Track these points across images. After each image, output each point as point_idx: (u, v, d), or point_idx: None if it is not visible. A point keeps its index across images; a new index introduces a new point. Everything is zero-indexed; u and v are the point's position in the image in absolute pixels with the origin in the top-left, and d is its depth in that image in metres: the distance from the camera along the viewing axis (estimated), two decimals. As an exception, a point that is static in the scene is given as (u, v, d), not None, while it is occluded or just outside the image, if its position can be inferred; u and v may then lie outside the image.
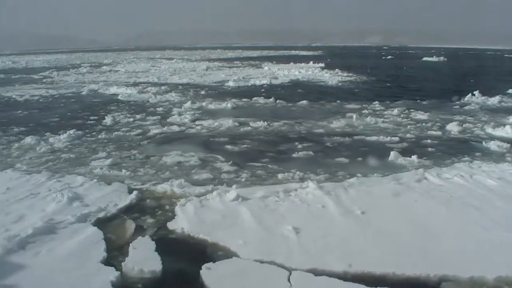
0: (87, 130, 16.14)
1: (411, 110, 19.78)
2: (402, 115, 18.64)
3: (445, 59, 66.81)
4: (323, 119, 17.83)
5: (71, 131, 15.34)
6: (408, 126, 16.37)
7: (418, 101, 23.08)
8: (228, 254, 6.53)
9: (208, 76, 38.97)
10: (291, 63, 54.25)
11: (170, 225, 7.52)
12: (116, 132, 15.48)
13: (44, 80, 39.84)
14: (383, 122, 17.14)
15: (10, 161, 12.27)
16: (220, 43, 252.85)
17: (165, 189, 9.27)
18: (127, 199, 8.68)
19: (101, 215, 7.96)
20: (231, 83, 31.16)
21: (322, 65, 48.87)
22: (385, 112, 19.26)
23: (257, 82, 31.77)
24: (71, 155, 12.67)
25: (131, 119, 18.36)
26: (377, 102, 22.24)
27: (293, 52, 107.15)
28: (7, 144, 14.47)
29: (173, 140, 14.29)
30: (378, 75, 38.17)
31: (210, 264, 6.09)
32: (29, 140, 14.58)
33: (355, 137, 14.50)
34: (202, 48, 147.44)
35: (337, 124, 16.64)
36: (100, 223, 7.66)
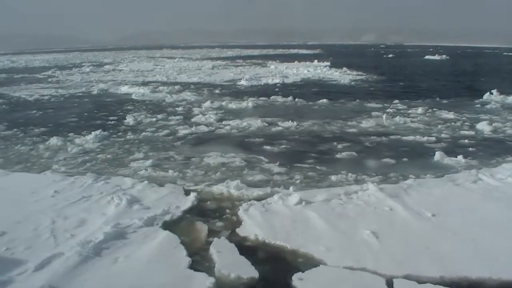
0: (111, 131, 15.81)
1: (434, 109, 19.57)
2: (427, 114, 18.45)
3: (447, 57, 66.82)
4: (350, 118, 17.61)
5: (97, 132, 15.02)
6: (439, 126, 16.17)
7: (437, 99, 22.89)
8: (313, 261, 6.27)
9: (217, 75, 38.66)
10: (295, 62, 53.97)
11: (241, 230, 7.25)
12: (144, 133, 15.17)
13: (49, 80, 39.37)
14: (411, 122, 16.93)
15: (43, 162, 11.97)
16: (215, 42, 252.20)
17: (221, 191, 9.03)
18: (187, 201, 8.44)
19: (167, 218, 7.70)
20: (243, 82, 30.88)
21: (328, 63, 48.67)
22: (409, 112, 19.06)
23: (270, 81, 31.52)
24: (108, 156, 12.39)
25: (153, 119, 18.04)
26: (397, 101, 22.06)
27: (292, 51, 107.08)
28: (32, 144, 14.14)
29: (206, 140, 14.01)
30: (387, 73, 38.01)
31: (301, 274, 5.82)
32: (54, 141, 14.26)
33: (391, 137, 14.30)
34: (199, 47, 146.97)
35: (367, 123, 16.41)
36: (170, 226, 7.40)
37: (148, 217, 7.57)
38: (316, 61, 53.29)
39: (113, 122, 17.92)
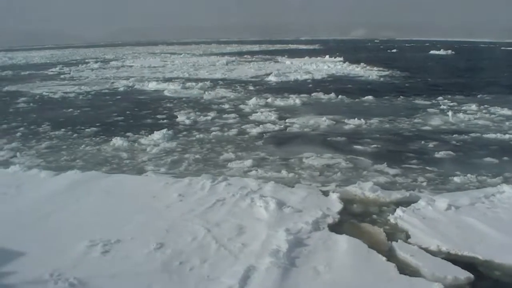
0: (173, 130, 15.14)
1: (485, 105, 19.30)
2: (484, 111, 18.18)
3: (453, 52, 66.90)
4: (411, 116, 17.31)
5: (163, 131, 14.48)
6: (507, 123, 15.89)
7: (479, 96, 22.62)
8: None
9: (236, 71, 38.10)
10: (306, 57, 53.50)
11: (414, 236, 6.83)
12: (214, 133, 14.64)
13: (62, 77, 38.52)
14: (475, 119, 16.66)
15: (130, 164, 11.49)
16: (208, 38, 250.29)
17: (356, 192, 8.65)
18: (333, 203, 8.10)
19: (330, 221, 7.33)
20: (272, 78, 30.38)
21: (341, 59, 48.21)
22: (463, 108, 18.78)
23: (298, 77, 31.10)
24: (196, 156, 11.93)
25: (207, 118, 17.49)
26: (440, 97, 21.85)
27: (292, 46, 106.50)
28: (96, 145, 13.61)
29: (286, 140, 13.55)
30: (407, 69, 37.66)
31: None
32: (119, 141, 13.69)
33: (471, 135, 14.02)
34: (195, 43, 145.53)
35: (434, 121, 16.11)
36: (339, 230, 7.06)
37: (312, 220, 7.17)
38: (327, 56, 52.82)
39: (165, 121, 17.34)
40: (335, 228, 7.12)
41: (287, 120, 16.38)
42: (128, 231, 6.91)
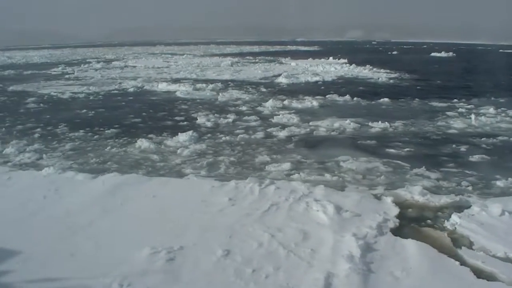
0: (196, 132, 14.91)
1: (503, 108, 19.32)
2: (502, 114, 18.18)
3: (454, 54, 67.21)
4: (432, 118, 17.32)
5: (190, 133, 14.30)
6: (530, 126, 15.89)
7: (492, 98, 22.64)
8: None
9: (244, 72, 37.99)
10: (310, 59, 53.51)
11: (479, 242, 6.82)
12: (241, 135, 14.51)
13: (67, 77, 38.26)
14: (497, 122, 16.65)
15: (164, 166, 11.30)
16: (204, 39, 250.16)
17: (406, 196, 8.60)
18: (389, 207, 8.05)
19: (391, 225, 7.30)
20: (283, 80, 30.30)
21: (345, 60, 48.24)
22: (481, 111, 18.76)
23: (309, 79, 31.03)
24: (231, 158, 11.79)
25: (228, 120, 17.29)
26: (455, 100, 21.93)
27: (291, 47, 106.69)
28: (121, 147, 13.44)
29: (317, 143, 13.46)
30: (415, 72, 37.67)
31: None
32: (146, 143, 13.51)
33: (499, 138, 14.03)
34: (193, 44, 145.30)
35: (458, 124, 16.10)
36: (402, 234, 7.04)
37: (375, 225, 7.12)
38: (331, 58, 52.85)
39: (185, 123, 17.18)
40: (398, 232, 7.08)
41: (310, 123, 16.27)
42: (187, 237, 6.79)
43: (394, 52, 78.43)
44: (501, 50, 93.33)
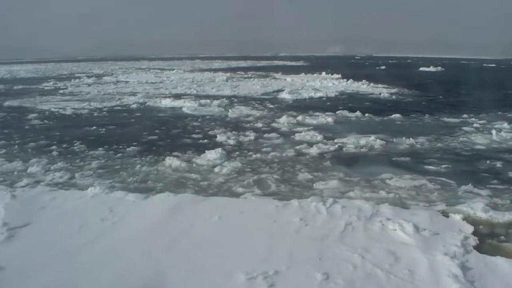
0: (224, 151, 14.67)
1: (517, 123, 19.68)
2: (519, 129, 18.51)
3: (442, 69, 68.70)
4: (451, 134, 17.56)
5: (219, 150, 14.11)
6: (551, 142, 16.22)
7: (500, 113, 23.14)
8: None
9: (242, 88, 38.01)
10: (302, 74, 54.00)
11: None
12: (272, 153, 14.35)
13: (61, 92, 37.79)
14: (517, 138, 16.92)
15: (210, 185, 11.05)
16: (186, 54, 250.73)
17: (468, 213, 8.64)
18: (462, 225, 8.02)
19: (473, 243, 7.29)
20: (286, 96, 30.43)
21: (339, 76, 48.81)
22: (497, 126, 19.07)
23: (312, 95, 31.19)
24: (274, 176, 11.65)
25: (250, 137, 16.96)
26: (465, 115, 22.29)
27: (278, 62, 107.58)
28: (150, 165, 13.10)
29: (352, 161, 13.35)
30: (413, 86, 38.12)
31: None
32: (176, 162, 13.22)
33: (527, 154, 14.19)
34: (177, 59, 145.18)
35: (480, 140, 16.33)
36: (490, 252, 7.05)
37: (460, 243, 7.13)
38: (323, 73, 53.39)
39: (205, 140, 16.90)
40: (481, 249, 7.08)
41: (335, 140, 16.25)
42: (276, 260, 6.60)
43: (382, 67, 79.74)
44: (485, 64, 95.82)
